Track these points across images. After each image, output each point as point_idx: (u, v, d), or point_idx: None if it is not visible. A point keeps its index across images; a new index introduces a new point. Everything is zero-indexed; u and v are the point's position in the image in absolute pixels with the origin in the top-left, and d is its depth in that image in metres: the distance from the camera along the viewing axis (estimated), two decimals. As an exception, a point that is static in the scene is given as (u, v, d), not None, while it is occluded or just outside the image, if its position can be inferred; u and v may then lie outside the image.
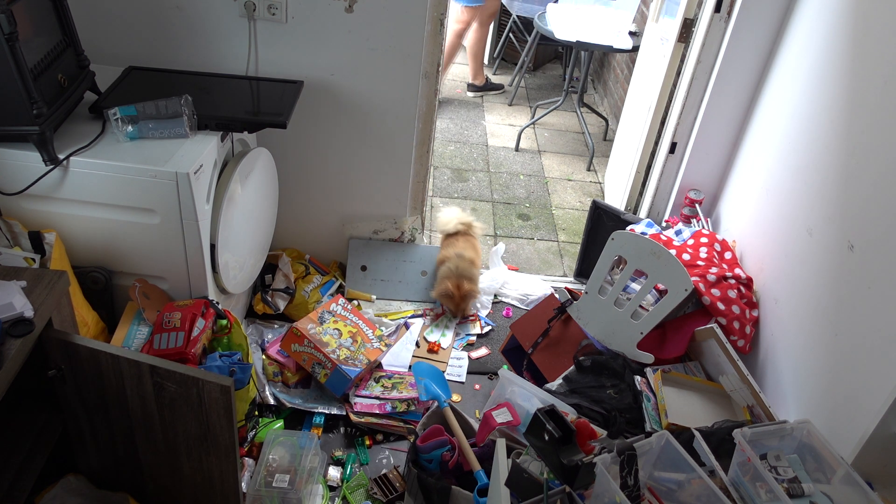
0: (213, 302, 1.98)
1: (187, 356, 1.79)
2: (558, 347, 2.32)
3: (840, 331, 1.80)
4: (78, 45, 1.90)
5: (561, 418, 1.46)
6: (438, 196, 3.45)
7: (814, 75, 2.11)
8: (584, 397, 2.03)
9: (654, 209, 2.90)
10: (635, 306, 2.14)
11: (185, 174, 1.76)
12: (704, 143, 2.63)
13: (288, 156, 2.50)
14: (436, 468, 1.86)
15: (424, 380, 2.25)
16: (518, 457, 1.63)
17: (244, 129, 2.06)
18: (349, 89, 2.38)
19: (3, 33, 1.53)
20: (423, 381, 2.25)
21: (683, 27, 2.68)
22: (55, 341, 1.52)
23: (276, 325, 2.50)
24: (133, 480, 1.78)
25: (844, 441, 1.67)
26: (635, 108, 3.18)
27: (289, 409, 2.23)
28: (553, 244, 3.25)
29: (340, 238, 2.77)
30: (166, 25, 2.23)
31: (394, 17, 2.23)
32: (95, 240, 1.89)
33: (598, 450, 1.60)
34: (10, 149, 1.73)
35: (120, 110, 1.82)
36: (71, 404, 1.64)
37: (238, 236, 2.13)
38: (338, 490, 2.04)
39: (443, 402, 2.07)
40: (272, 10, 2.19)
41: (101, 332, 1.92)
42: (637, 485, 1.48)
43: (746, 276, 2.26)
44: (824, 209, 1.95)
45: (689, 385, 2.03)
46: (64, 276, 1.53)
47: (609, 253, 2.19)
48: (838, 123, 1.94)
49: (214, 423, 1.58)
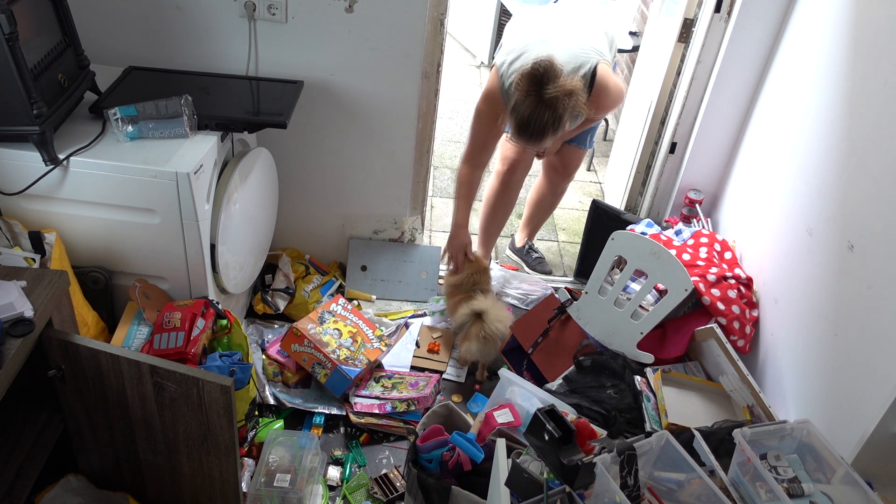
0: (213, 302, 1.98)
1: (187, 356, 1.79)
2: (558, 347, 2.32)
3: (840, 331, 1.80)
4: (78, 45, 1.90)
5: (561, 418, 1.46)
6: (438, 196, 3.45)
7: (814, 75, 2.11)
8: (584, 397, 2.03)
9: (654, 209, 2.90)
10: (635, 306, 2.14)
11: (185, 174, 1.76)
12: (704, 143, 2.63)
13: (288, 156, 2.50)
14: (436, 468, 1.85)
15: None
16: (518, 457, 1.63)
17: (244, 129, 2.06)
18: (349, 89, 2.38)
19: (4, 33, 1.53)
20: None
21: (683, 27, 2.68)
22: (55, 341, 1.52)
23: (276, 325, 2.50)
24: (133, 480, 1.78)
25: (844, 441, 1.67)
26: (635, 108, 3.18)
27: (289, 409, 2.23)
28: (553, 244, 3.25)
29: (340, 238, 2.77)
30: (166, 25, 2.23)
31: (394, 17, 2.23)
32: (95, 240, 1.89)
33: (598, 450, 1.60)
34: (10, 149, 1.74)
35: (120, 110, 1.82)
36: (71, 404, 1.64)
37: (238, 236, 2.13)
38: (338, 490, 2.04)
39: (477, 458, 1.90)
40: (272, 10, 2.19)
41: (101, 332, 1.92)
42: (637, 485, 1.49)
43: (746, 276, 2.26)
44: (824, 209, 1.95)
45: (689, 385, 2.03)
46: (64, 276, 1.53)
47: (609, 253, 2.19)
48: (838, 123, 1.94)
49: (214, 423, 1.59)
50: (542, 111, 2.01)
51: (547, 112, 2.01)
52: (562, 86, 2.00)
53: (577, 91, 2.02)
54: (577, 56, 2.15)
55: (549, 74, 2.00)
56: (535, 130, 2.05)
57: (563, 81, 2.02)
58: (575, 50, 2.16)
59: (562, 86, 2.00)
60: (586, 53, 2.17)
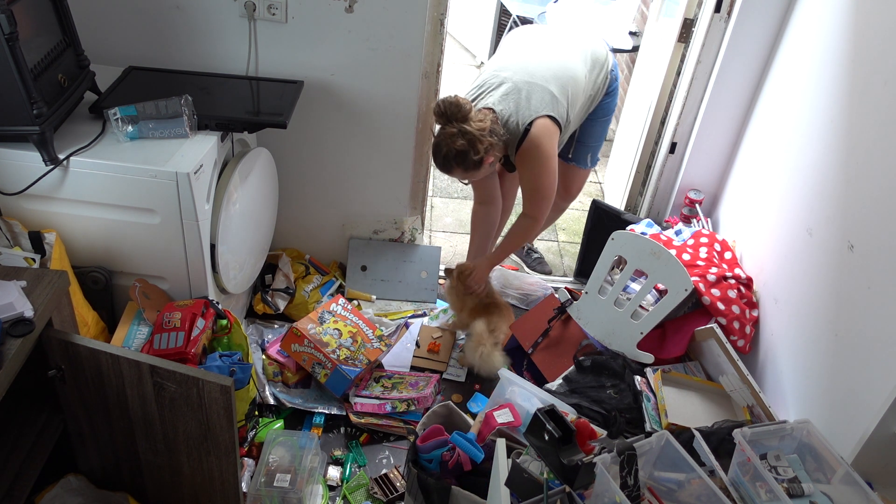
0: (213, 302, 1.98)
1: (187, 356, 1.79)
2: (558, 347, 2.32)
3: (840, 331, 1.80)
4: (78, 45, 1.90)
5: (561, 418, 1.46)
6: (438, 196, 3.45)
7: (814, 75, 2.11)
8: (584, 397, 2.03)
9: (654, 209, 2.90)
10: (635, 306, 2.14)
11: (185, 174, 1.76)
12: (704, 143, 2.63)
13: (288, 156, 2.50)
14: (436, 468, 1.85)
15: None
16: (518, 457, 1.63)
17: (244, 129, 2.06)
18: (349, 89, 2.38)
19: (4, 33, 1.53)
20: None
21: (683, 27, 2.68)
22: (55, 341, 1.52)
23: (276, 325, 2.50)
24: (133, 480, 1.78)
25: (844, 441, 1.67)
26: (635, 107, 3.18)
27: (289, 409, 2.23)
28: (553, 244, 3.25)
29: (340, 238, 2.77)
30: (166, 25, 2.23)
31: (394, 17, 2.23)
32: (95, 240, 1.89)
33: (598, 450, 1.60)
34: (11, 149, 1.74)
35: (120, 110, 1.82)
36: (71, 404, 1.64)
37: (238, 236, 2.13)
38: (338, 490, 2.04)
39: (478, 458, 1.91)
40: (272, 10, 2.19)
41: (101, 332, 1.92)
42: (637, 485, 1.48)
43: (746, 276, 2.26)
44: (824, 209, 1.94)
45: (689, 385, 2.03)
46: (64, 276, 1.53)
47: (609, 253, 2.19)
48: (838, 123, 1.94)
49: (214, 423, 1.59)
50: (442, 145, 2.12)
51: (444, 146, 2.12)
52: (461, 125, 2.08)
53: (473, 133, 2.08)
54: (519, 106, 2.17)
55: (451, 112, 2.09)
56: (441, 162, 2.17)
57: (470, 119, 2.09)
58: (520, 99, 2.17)
59: (461, 125, 2.08)
60: (531, 105, 2.16)
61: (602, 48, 2.35)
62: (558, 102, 2.19)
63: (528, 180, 2.30)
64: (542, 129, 2.16)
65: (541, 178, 2.26)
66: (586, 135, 2.48)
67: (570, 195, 2.70)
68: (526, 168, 2.26)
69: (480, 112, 2.14)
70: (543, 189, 2.29)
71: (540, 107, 2.16)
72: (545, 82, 2.18)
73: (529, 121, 2.15)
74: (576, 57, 2.28)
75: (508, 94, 2.18)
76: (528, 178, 2.30)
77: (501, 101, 2.17)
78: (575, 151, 2.52)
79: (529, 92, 2.17)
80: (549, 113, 2.17)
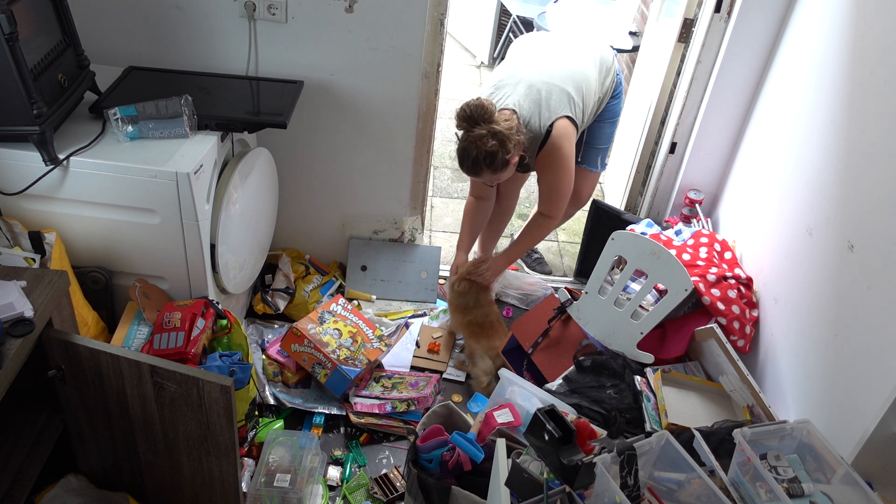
0: (213, 302, 1.98)
1: (187, 356, 1.79)
2: (558, 347, 2.32)
3: (840, 331, 1.80)
4: (78, 45, 1.90)
5: (561, 418, 1.46)
6: (438, 196, 3.45)
7: (814, 75, 2.11)
8: (584, 397, 2.03)
9: (654, 209, 2.90)
10: (635, 306, 2.14)
11: (185, 174, 1.76)
12: (704, 143, 2.63)
13: (288, 156, 2.50)
14: (436, 468, 1.85)
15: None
16: (518, 457, 1.63)
17: (244, 129, 2.06)
18: (349, 89, 2.38)
19: (4, 33, 1.53)
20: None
21: (683, 27, 2.68)
22: (55, 341, 1.52)
23: (276, 325, 2.50)
24: (133, 480, 1.78)
25: (844, 441, 1.67)
26: (635, 108, 3.18)
27: (289, 409, 2.23)
28: (553, 244, 3.25)
29: (340, 238, 2.77)
30: (166, 25, 2.23)
31: (394, 17, 2.23)
32: (95, 240, 1.89)
33: (598, 450, 1.60)
34: (10, 149, 1.74)
35: (120, 110, 1.82)
36: (71, 404, 1.64)
37: (238, 236, 2.13)
38: (338, 490, 2.04)
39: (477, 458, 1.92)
40: (272, 10, 2.19)
41: (101, 332, 1.92)
42: (637, 485, 1.48)
43: (746, 276, 2.26)
44: (824, 209, 1.94)
45: (689, 385, 2.03)
46: (64, 276, 1.53)
47: (609, 253, 2.18)
48: (838, 123, 1.93)
49: (214, 423, 1.59)
50: (471, 148, 2.11)
51: (473, 149, 2.11)
52: (490, 126, 2.08)
53: (503, 133, 2.08)
54: (540, 106, 2.18)
55: (477, 114, 2.09)
56: (471, 165, 2.16)
57: (496, 120, 2.10)
58: (540, 100, 2.18)
59: (490, 126, 2.08)
60: (550, 106, 2.18)
61: (609, 52, 2.39)
62: (575, 103, 2.21)
63: (549, 181, 2.33)
64: (563, 131, 2.19)
65: (561, 180, 2.30)
66: (595, 137, 2.50)
67: (581, 201, 2.71)
68: (547, 169, 2.28)
69: (503, 112, 2.16)
70: (563, 189, 2.33)
71: (559, 108, 2.18)
72: (563, 83, 2.21)
73: (550, 122, 2.17)
74: (587, 60, 2.31)
75: (528, 94, 2.19)
76: (549, 180, 2.33)
77: (522, 101, 2.19)
78: (585, 154, 2.53)
79: (549, 92, 2.19)
80: (568, 114, 2.19)
